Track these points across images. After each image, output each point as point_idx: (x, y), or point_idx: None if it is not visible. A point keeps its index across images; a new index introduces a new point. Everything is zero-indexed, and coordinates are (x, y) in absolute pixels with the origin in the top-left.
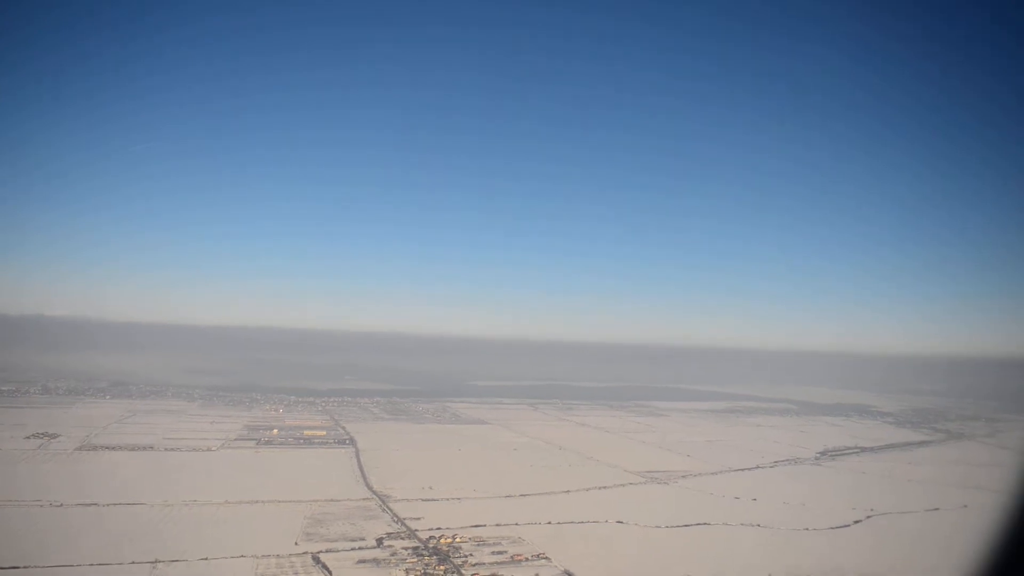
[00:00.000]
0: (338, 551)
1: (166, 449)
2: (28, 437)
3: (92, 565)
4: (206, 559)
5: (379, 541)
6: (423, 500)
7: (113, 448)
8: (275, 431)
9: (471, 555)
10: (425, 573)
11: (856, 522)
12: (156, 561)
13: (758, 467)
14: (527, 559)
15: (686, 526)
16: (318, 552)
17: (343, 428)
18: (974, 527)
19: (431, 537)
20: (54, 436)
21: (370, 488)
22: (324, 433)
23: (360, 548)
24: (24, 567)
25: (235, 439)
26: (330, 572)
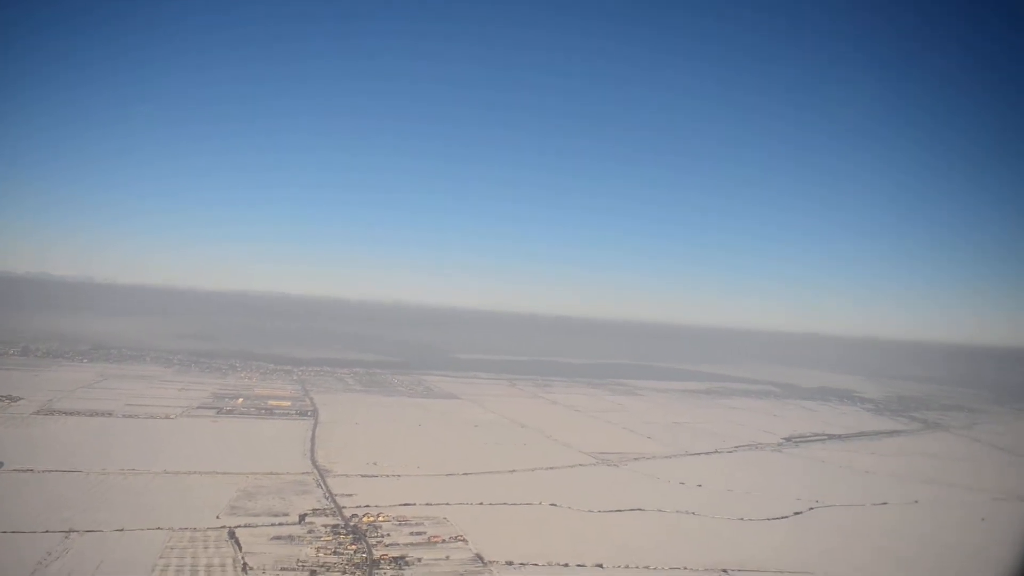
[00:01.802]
0: (256, 526)
1: (124, 416)
2: None
3: (3, 532)
4: (121, 530)
5: (301, 517)
6: (363, 476)
7: (70, 413)
8: (240, 400)
9: (388, 535)
10: (336, 551)
11: (796, 513)
12: (70, 531)
13: (716, 451)
14: (443, 541)
15: (618, 511)
16: (236, 527)
17: (311, 399)
18: (915, 524)
19: (354, 515)
20: (16, 399)
21: (314, 462)
22: (289, 404)
23: (280, 524)
24: None
25: (197, 407)
26: (240, 548)
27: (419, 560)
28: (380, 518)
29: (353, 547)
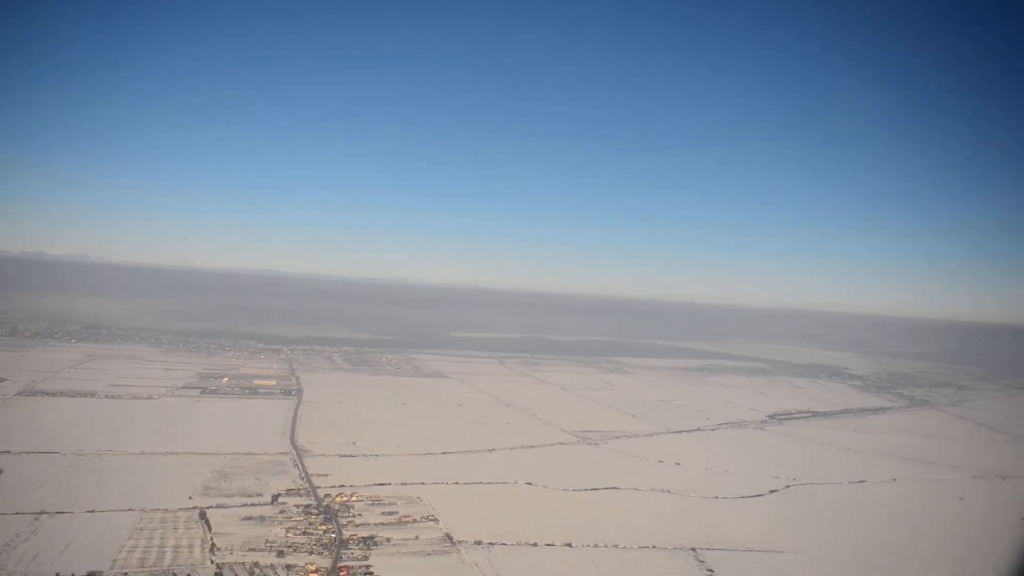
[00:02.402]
0: (229, 507)
1: (107, 396)
2: None
3: None
4: (92, 512)
5: (274, 498)
6: (340, 456)
7: (54, 394)
8: (225, 380)
9: (360, 515)
10: (305, 532)
11: (772, 491)
12: (40, 513)
13: (699, 429)
14: (415, 520)
15: (594, 490)
16: (208, 508)
17: (296, 378)
18: (890, 502)
19: (327, 495)
20: (0, 380)
21: (293, 442)
22: (274, 383)
23: (252, 504)
24: None
25: (182, 387)
26: (210, 528)
27: (388, 540)
28: (353, 498)
29: (323, 527)
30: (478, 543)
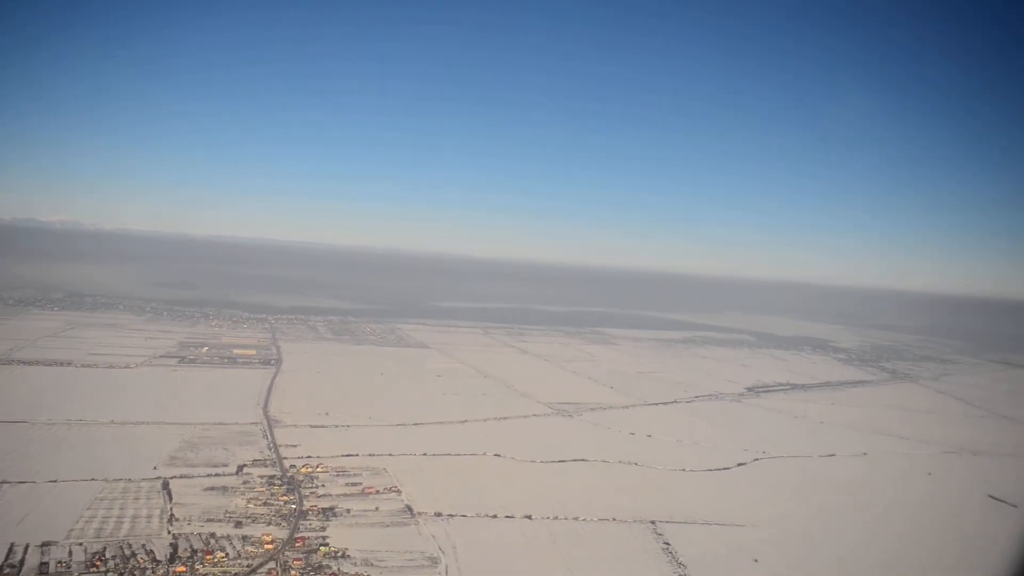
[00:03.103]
0: (192, 477)
1: (83, 365)
2: None
3: None
4: (55, 481)
5: (239, 468)
6: (312, 427)
7: (29, 363)
8: (205, 349)
9: (324, 486)
10: (266, 503)
11: (739, 464)
12: (2, 482)
13: (675, 401)
14: (377, 492)
15: (561, 461)
16: (171, 478)
17: (277, 347)
18: (857, 477)
19: (293, 466)
20: None
21: (265, 412)
22: (253, 352)
23: (216, 475)
24: None
25: (160, 356)
26: (171, 498)
27: (348, 511)
28: (319, 469)
29: (284, 498)
30: (438, 515)
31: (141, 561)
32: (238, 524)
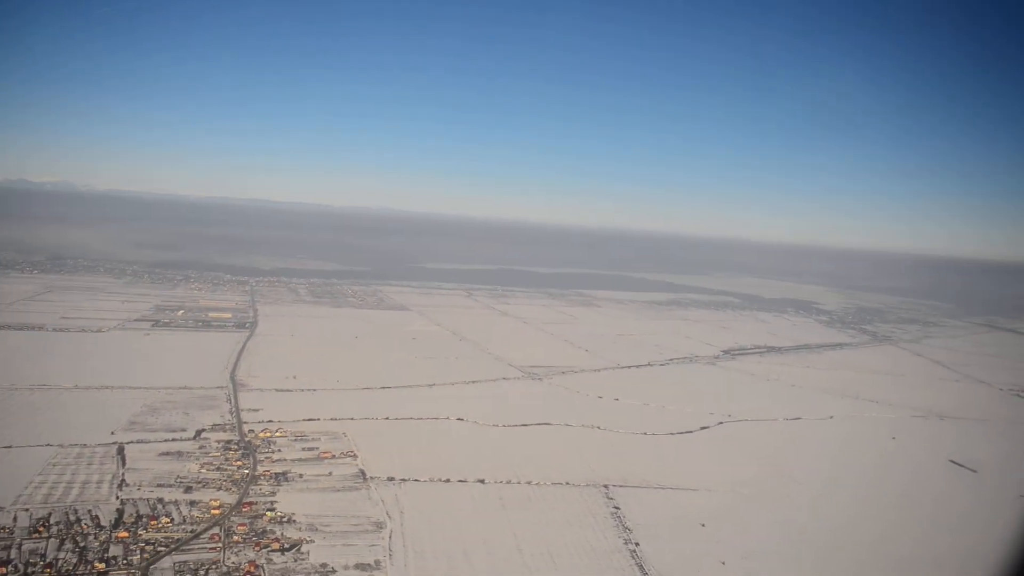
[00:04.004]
0: (149, 442)
1: (55, 329)
2: None
3: None
4: (9, 447)
5: (198, 433)
6: (277, 391)
7: (1, 327)
8: (181, 312)
9: (280, 450)
10: (219, 468)
11: (703, 428)
12: None
13: (649, 364)
14: (333, 456)
15: (524, 426)
16: (127, 443)
17: (255, 310)
18: (819, 440)
19: (251, 431)
20: None
21: (232, 376)
22: (229, 316)
23: (173, 440)
24: None
25: (135, 320)
26: (124, 464)
27: (300, 476)
28: (277, 433)
29: (239, 463)
30: (390, 479)
31: (85, 527)
32: (188, 489)
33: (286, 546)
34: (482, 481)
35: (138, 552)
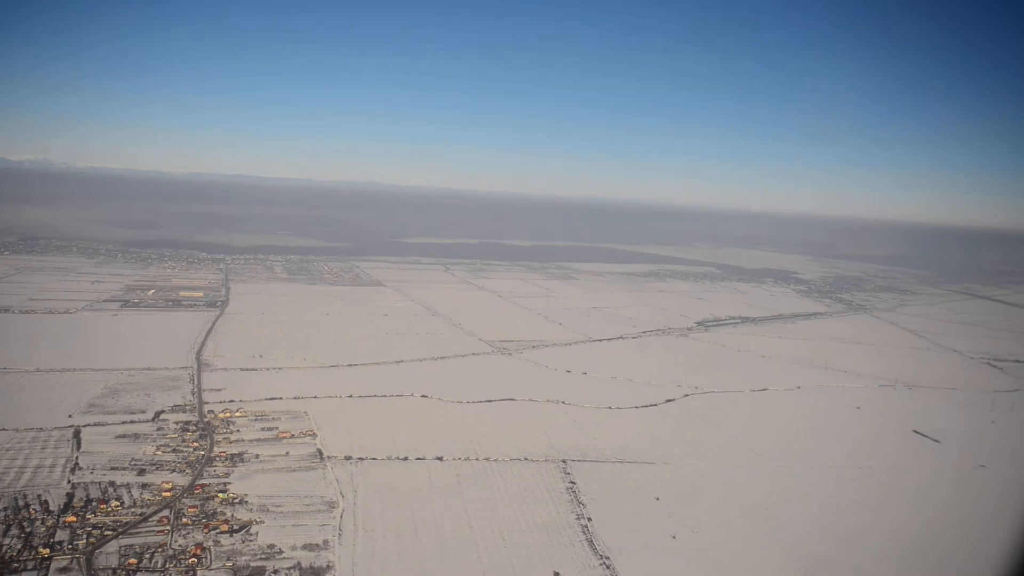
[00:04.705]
0: (107, 424)
1: (21, 312)
2: None
3: None
4: None
5: (157, 415)
6: (242, 370)
7: None
8: (151, 292)
9: (239, 431)
10: (175, 450)
11: (668, 401)
12: None
13: (621, 337)
14: (292, 436)
15: (488, 401)
16: (84, 426)
17: (228, 289)
18: (783, 411)
19: (211, 411)
20: None
21: (197, 356)
22: (200, 295)
23: (131, 422)
24: None
25: (103, 301)
26: (79, 447)
27: (256, 457)
28: (237, 413)
29: (195, 444)
30: (348, 458)
31: (33, 512)
32: (141, 472)
33: (235, 527)
34: (440, 458)
35: (84, 536)
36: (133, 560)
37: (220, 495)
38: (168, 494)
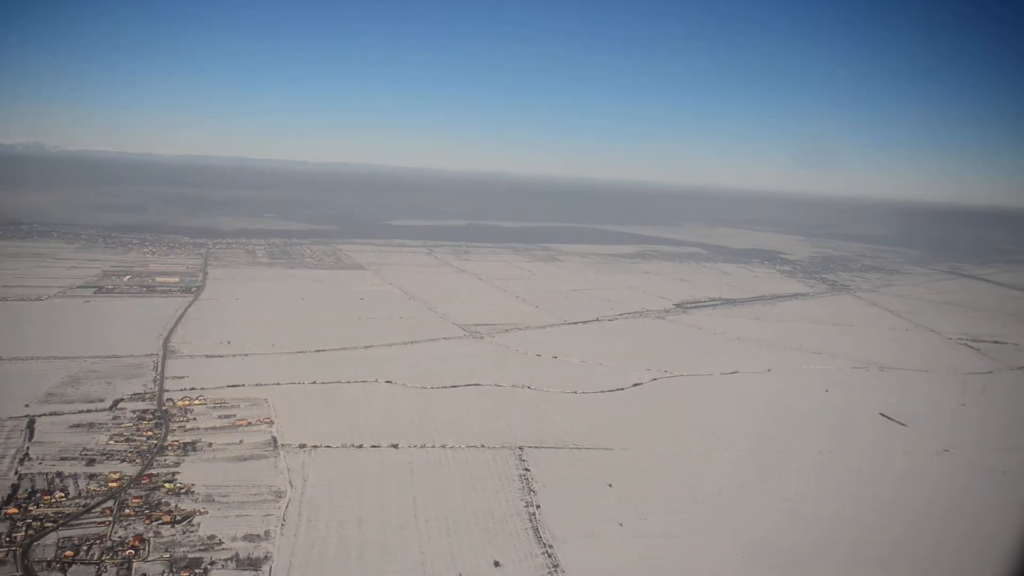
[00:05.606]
0: (62, 414)
1: None
2: None
3: None
4: None
5: (115, 403)
6: (207, 356)
7: None
8: (127, 278)
9: (196, 419)
10: (128, 439)
11: (635, 385)
12: None
13: (597, 320)
14: (248, 424)
15: (453, 387)
16: (40, 415)
17: (205, 274)
18: (751, 395)
19: (170, 399)
20: None
21: (164, 343)
22: (176, 280)
23: (88, 411)
24: None
25: (77, 287)
26: (32, 437)
27: (210, 445)
28: (196, 401)
29: (149, 433)
30: (302, 446)
31: None
32: (91, 462)
33: (178, 518)
34: (395, 446)
35: (24, 529)
36: (69, 552)
37: (167, 485)
38: (115, 484)
